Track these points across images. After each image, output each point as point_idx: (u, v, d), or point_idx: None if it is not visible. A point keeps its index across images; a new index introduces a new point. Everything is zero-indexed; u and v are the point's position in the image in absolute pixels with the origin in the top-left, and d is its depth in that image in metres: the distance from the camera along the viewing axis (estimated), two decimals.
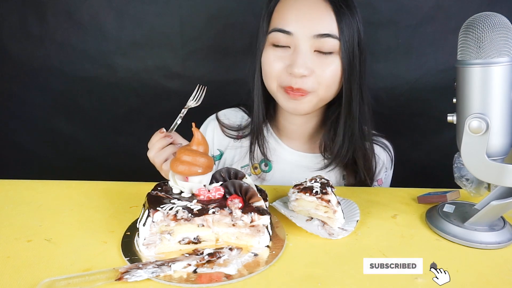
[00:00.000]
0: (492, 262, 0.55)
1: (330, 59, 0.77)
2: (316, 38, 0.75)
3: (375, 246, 0.58)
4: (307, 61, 0.75)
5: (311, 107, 0.81)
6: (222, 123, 0.94)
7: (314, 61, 0.76)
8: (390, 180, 0.98)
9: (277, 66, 0.79)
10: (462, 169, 0.67)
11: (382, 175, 0.94)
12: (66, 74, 1.18)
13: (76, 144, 1.26)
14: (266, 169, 0.91)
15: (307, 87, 0.77)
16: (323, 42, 0.75)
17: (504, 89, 0.53)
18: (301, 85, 0.76)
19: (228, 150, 0.94)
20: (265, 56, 0.80)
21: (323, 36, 0.75)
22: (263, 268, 0.51)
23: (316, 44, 0.76)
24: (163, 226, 0.53)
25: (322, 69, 0.77)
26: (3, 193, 0.72)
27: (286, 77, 0.78)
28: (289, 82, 0.77)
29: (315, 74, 0.77)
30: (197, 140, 0.60)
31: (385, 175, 0.95)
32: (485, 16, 0.53)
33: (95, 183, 0.77)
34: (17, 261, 0.52)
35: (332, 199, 0.61)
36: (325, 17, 0.76)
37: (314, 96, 0.79)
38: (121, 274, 0.48)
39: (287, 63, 0.77)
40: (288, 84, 0.77)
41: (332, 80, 0.78)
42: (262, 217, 0.55)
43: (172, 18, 1.14)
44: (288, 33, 0.76)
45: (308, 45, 0.76)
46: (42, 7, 1.13)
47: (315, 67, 0.76)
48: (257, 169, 0.91)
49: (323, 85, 0.78)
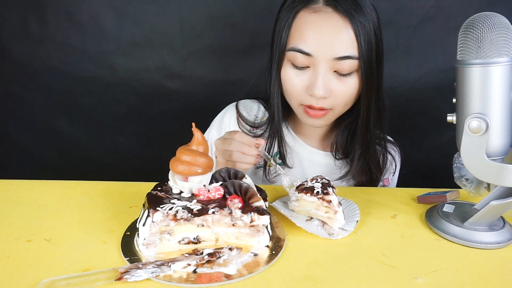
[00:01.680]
0: (492, 262, 0.55)
1: (348, 79, 0.77)
2: (336, 60, 0.74)
3: (375, 246, 0.58)
4: (326, 83, 0.76)
5: (328, 122, 0.84)
6: (240, 114, 0.94)
7: (332, 82, 0.77)
8: (395, 183, 0.99)
9: (297, 85, 0.79)
10: (461, 169, 0.67)
11: (389, 176, 0.95)
12: (66, 74, 1.18)
13: (76, 144, 1.26)
14: (280, 162, 0.92)
15: (327, 106, 0.79)
16: (342, 64, 0.75)
17: (503, 89, 0.53)
18: (322, 104, 0.78)
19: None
20: (284, 74, 0.80)
21: (343, 59, 0.74)
22: (263, 268, 0.51)
23: (336, 66, 0.75)
24: (163, 226, 0.53)
25: (341, 89, 0.77)
26: (3, 193, 0.72)
27: (307, 97, 0.78)
28: (310, 102, 0.78)
29: (334, 95, 0.77)
30: (197, 140, 0.59)
31: (392, 176, 0.96)
32: (485, 16, 0.53)
33: (95, 183, 0.77)
34: (17, 261, 0.52)
35: (333, 199, 0.61)
36: (345, 37, 0.74)
37: (332, 114, 0.81)
38: (121, 274, 0.48)
39: (306, 83, 0.77)
40: (308, 103, 0.78)
41: (349, 98, 0.80)
42: (262, 217, 0.55)
43: (172, 18, 1.14)
44: (308, 55, 0.75)
45: (328, 67, 0.75)
46: (42, 7, 1.13)
47: (333, 87, 0.77)
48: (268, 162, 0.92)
49: (341, 104, 0.80)
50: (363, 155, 0.86)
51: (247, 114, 0.94)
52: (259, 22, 1.09)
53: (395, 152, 0.95)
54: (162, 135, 1.23)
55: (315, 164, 0.91)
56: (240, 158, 0.72)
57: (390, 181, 0.95)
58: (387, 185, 0.95)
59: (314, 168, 0.91)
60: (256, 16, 1.13)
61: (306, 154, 0.92)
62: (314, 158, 0.92)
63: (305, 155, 0.92)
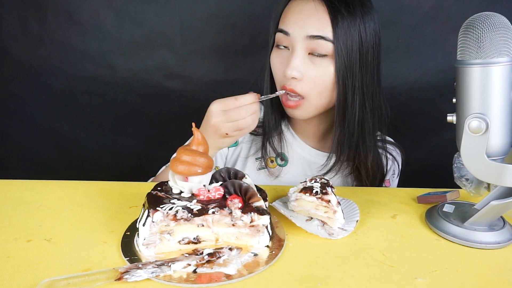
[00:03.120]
0: (492, 262, 0.55)
1: (323, 63, 0.77)
2: (309, 39, 0.75)
3: (375, 246, 0.58)
4: (299, 64, 0.76)
5: (309, 114, 0.82)
6: None
7: (307, 64, 0.77)
8: (395, 185, 0.98)
9: (278, 66, 0.81)
10: (462, 169, 0.67)
11: (390, 177, 0.94)
12: (66, 74, 1.18)
13: (76, 144, 1.26)
14: (282, 163, 0.92)
15: (299, 90, 0.78)
16: (316, 44, 0.75)
17: (503, 89, 0.53)
18: (294, 86, 0.78)
19: (244, 142, 0.95)
20: (272, 58, 0.83)
21: (315, 38, 0.75)
22: (263, 268, 0.51)
23: (310, 46, 0.76)
24: (163, 226, 0.53)
25: (314, 74, 0.77)
26: (3, 193, 0.72)
27: (283, 79, 0.79)
28: (284, 83, 0.79)
29: (306, 79, 0.77)
30: (197, 140, 0.60)
31: (393, 177, 0.95)
32: (484, 16, 0.53)
33: (95, 183, 0.77)
34: (17, 261, 0.52)
35: (332, 199, 0.61)
36: (320, 19, 0.75)
37: (307, 103, 0.80)
38: (121, 274, 0.48)
39: (284, 64, 0.78)
40: (283, 85, 0.79)
41: (323, 86, 0.78)
42: (262, 217, 0.55)
43: (172, 18, 1.14)
44: (286, 34, 0.78)
45: (303, 47, 0.76)
46: (42, 7, 1.13)
47: (306, 71, 0.77)
48: (273, 163, 0.92)
49: (314, 91, 0.78)
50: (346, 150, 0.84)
51: None
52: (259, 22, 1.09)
53: (397, 154, 0.95)
54: (162, 135, 1.23)
55: (316, 164, 0.90)
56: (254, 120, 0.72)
57: (391, 183, 0.95)
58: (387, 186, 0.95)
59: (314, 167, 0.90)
60: (256, 16, 1.13)
61: (305, 153, 0.92)
62: (313, 158, 0.91)
63: (305, 154, 0.92)
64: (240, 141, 0.95)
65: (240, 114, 0.71)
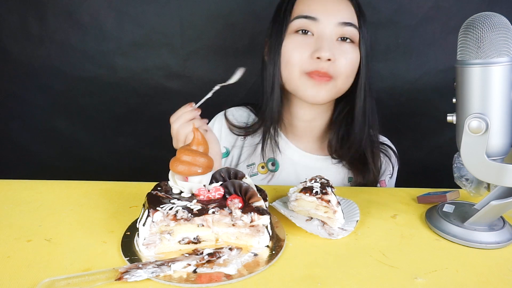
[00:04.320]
0: (492, 262, 0.55)
1: (351, 48, 0.81)
2: (339, 25, 0.79)
3: (375, 246, 0.58)
4: (331, 47, 0.78)
5: (330, 97, 0.83)
6: (230, 122, 0.94)
7: (336, 49, 0.79)
8: (394, 181, 0.98)
9: (301, 52, 0.80)
10: (462, 169, 0.67)
11: (386, 178, 0.94)
12: (66, 74, 1.18)
13: (76, 144, 1.26)
14: (273, 168, 0.91)
15: (331, 72, 0.79)
16: (345, 30, 0.79)
17: (503, 89, 0.53)
18: (327, 69, 0.79)
19: (234, 148, 0.94)
20: (287, 44, 0.81)
21: (346, 25, 0.79)
22: (263, 268, 0.51)
23: (340, 32, 0.80)
24: (163, 226, 0.53)
25: (344, 56, 0.80)
26: (3, 193, 0.72)
27: (311, 63, 0.79)
28: (316, 67, 0.78)
29: (337, 61, 0.79)
30: (197, 140, 0.60)
31: (389, 178, 0.95)
32: (484, 16, 0.53)
33: (95, 183, 0.77)
34: (17, 261, 0.52)
35: (332, 199, 0.61)
36: (348, 8, 0.81)
37: (334, 86, 0.81)
38: (121, 274, 0.48)
39: (311, 50, 0.79)
40: (314, 69, 0.79)
41: (351, 69, 0.82)
42: (262, 217, 0.55)
43: (172, 18, 1.14)
44: (314, 19, 0.79)
45: (333, 32, 0.79)
46: (42, 7, 1.13)
47: (337, 54, 0.79)
48: (264, 168, 0.92)
49: (343, 75, 0.81)
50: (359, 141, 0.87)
51: (236, 122, 0.94)
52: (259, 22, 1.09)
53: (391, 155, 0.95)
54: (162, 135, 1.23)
55: (309, 168, 0.90)
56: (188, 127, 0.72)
57: (386, 184, 0.95)
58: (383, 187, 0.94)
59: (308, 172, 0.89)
60: (256, 16, 1.13)
61: (298, 158, 0.91)
62: (307, 163, 0.91)
63: (298, 159, 0.91)
64: (231, 149, 0.95)
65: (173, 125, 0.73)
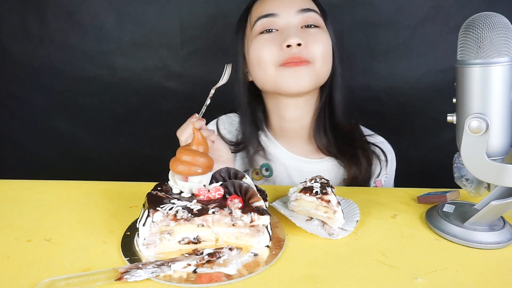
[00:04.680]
0: (492, 262, 0.55)
1: (318, 32, 0.81)
2: (300, 13, 0.80)
3: (375, 246, 0.58)
4: (298, 33, 0.79)
5: (311, 81, 0.82)
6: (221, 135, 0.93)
7: (305, 34, 0.80)
8: (392, 181, 0.97)
9: (270, 48, 0.80)
10: (462, 169, 0.67)
11: (382, 178, 0.94)
12: (66, 74, 1.18)
13: (76, 144, 1.26)
14: (267, 173, 0.91)
15: (306, 56, 0.79)
16: (307, 17, 0.80)
17: (504, 89, 0.53)
18: (301, 53, 0.78)
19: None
20: (254, 45, 0.82)
21: (306, 11, 0.80)
22: (263, 268, 0.51)
23: (302, 19, 0.80)
24: (163, 226, 0.53)
25: (313, 40, 0.80)
26: (3, 193, 0.72)
27: (283, 53, 0.79)
28: (288, 55, 0.78)
29: (308, 47, 0.79)
30: (197, 140, 0.60)
31: (385, 178, 0.95)
32: (485, 16, 0.53)
33: (95, 183, 0.77)
34: (17, 261, 0.52)
35: (332, 199, 0.61)
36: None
37: (312, 69, 0.81)
38: (121, 274, 0.48)
39: (279, 43, 0.79)
40: (287, 57, 0.79)
41: (325, 51, 0.82)
42: (262, 217, 0.55)
43: (172, 18, 1.14)
44: (273, 15, 0.80)
45: (295, 21, 0.79)
46: (42, 7, 1.13)
47: (306, 38, 0.79)
48: (258, 175, 0.91)
49: (318, 57, 0.81)
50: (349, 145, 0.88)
51: (228, 131, 0.95)
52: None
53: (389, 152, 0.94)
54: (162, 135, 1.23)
55: (302, 171, 0.89)
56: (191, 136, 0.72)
57: (383, 184, 0.94)
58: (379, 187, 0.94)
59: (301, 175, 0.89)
60: None
61: (291, 162, 0.91)
62: (300, 166, 0.90)
63: (290, 163, 0.91)
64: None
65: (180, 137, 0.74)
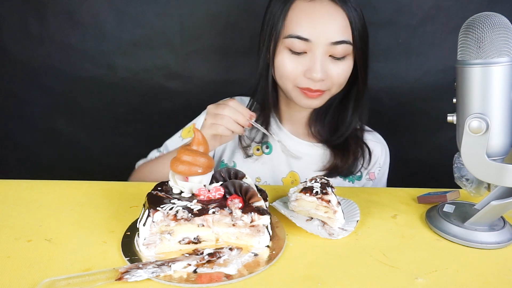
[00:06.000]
0: (492, 262, 0.55)
1: (343, 63, 0.82)
2: (331, 45, 0.79)
3: (375, 246, 0.58)
4: (323, 67, 0.80)
5: (323, 103, 0.87)
6: None
7: (329, 66, 0.81)
8: (385, 179, 0.99)
9: (294, 70, 0.82)
10: (462, 169, 0.67)
11: (375, 170, 0.95)
12: (66, 74, 1.18)
13: (76, 144, 1.26)
14: (267, 151, 0.95)
15: (323, 88, 0.82)
16: (337, 49, 0.79)
17: (504, 89, 0.53)
18: (319, 87, 0.82)
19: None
20: (280, 60, 0.83)
21: (338, 43, 0.79)
22: (263, 268, 0.51)
23: (331, 51, 0.80)
24: (163, 226, 0.53)
25: (336, 72, 0.82)
26: (3, 193, 0.72)
27: (304, 80, 0.81)
28: (308, 84, 0.81)
29: (330, 77, 0.82)
30: (197, 140, 0.60)
31: (379, 171, 0.96)
32: (485, 16, 0.53)
33: (95, 183, 0.77)
34: (17, 261, 0.52)
35: (332, 199, 0.61)
36: (340, 24, 0.79)
37: (328, 94, 0.86)
38: (121, 274, 0.48)
39: (304, 68, 0.81)
40: (306, 86, 0.82)
41: (344, 80, 0.85)
42: (262, 217, 0.55)
43: (172, 18, 1.14)
44: (305, 40, 0.79)
45: (324, 51, 0.80)
46: (42, 7, 1.12)
47: (329, 70, 0.81)
48: (259, 151, 0.95)
49: (336, 85, 0.84)
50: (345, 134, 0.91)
51: None
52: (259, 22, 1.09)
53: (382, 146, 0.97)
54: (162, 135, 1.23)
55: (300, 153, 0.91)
56: (230, 125, 0.75)
57: (376, 176, 0.96)
58: (372, 179, 0.95)
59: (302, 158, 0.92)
60: (256, 16, 1.13)
61: (291, 144, 0.93)
62: (299, 148, 0.93)
63: (290, 145, 0.92)
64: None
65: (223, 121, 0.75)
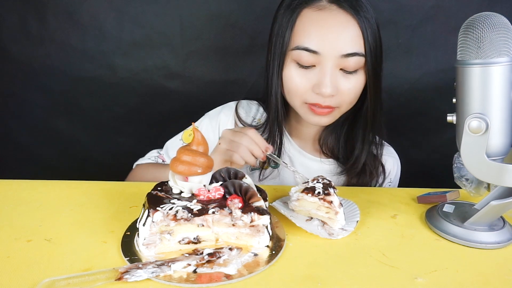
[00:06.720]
0: (492, 262, 0.55)
1: (355, 77, 0.76)
2: (342, 57, 0.73)
3: (375, 246, 0.58)
4: (333, 81, 0.74)
5: (333, 120, 0.82)
6: (239, 116, 0.92)
7: (339, 80, 0.76)
8: None
9: (303, 85, 0.77)
10: (462, 169, 0.67)
11: (385, 184, 0.94)
12: (66, 74, 1.18)
13: (76, 144, 1.26)
14: (274, 165, 0.91)
15: (333, 104, 0.77)
16: (349, 61, 0.74)
17: (503, 89, 0.53)
18: (329, 102, 0.76)
19: None
20: (287, 74, 0.78)
21: (349, 56, 0.73)
22: (263, 268, 0.51)
23: (342, 64, 0.74)
24: (163, 226, 0.53)
25: (347, 87, 0.76)
26: (3, 193, 0.72)
27: (313, 96, 0.76)
28: (316, 100, 0.76)
29: (340, 93, 0.76)
30: (197, 140, 0.59)
31: (389, 185, 0.94)
32: (485, 16, 0.53)
33: (95, 183, 0.77)
34: (17, 261, 0.52)
35: (334, 200, 0.61)
36: (351, 33, 0.73)
37: (338, 111, 0.80)
38: (121, 274, 0.48)
39: (313, 82, 0.76)
40: (315, 102, 0.77)
41: (355, 96, 0.79)
42: (262, 217, 0.55)
43: (172, 18, 1.14)
44: (314, 52, 0.73)
45: (335, 64, 0.74)
46: (42, 7, 1.12)
47: (340, 85, 0.76)
48: (265, 164, 0.91)
49: (346, 102, 0.79)
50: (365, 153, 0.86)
51: (246, 115, 0.93)
52: (259, 22, 1.09)
53: (394, 160, 0.94)
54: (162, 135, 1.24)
55: (308, 169, 0.89)
56: (245, 154, 0.72)
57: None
58: None
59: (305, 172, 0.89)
60: (256, 16, 1.13)
61: (300, 159, 0.91)
62: (307, 164, 0.91)
63: (299, 159, 0.91)
64: None
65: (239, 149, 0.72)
